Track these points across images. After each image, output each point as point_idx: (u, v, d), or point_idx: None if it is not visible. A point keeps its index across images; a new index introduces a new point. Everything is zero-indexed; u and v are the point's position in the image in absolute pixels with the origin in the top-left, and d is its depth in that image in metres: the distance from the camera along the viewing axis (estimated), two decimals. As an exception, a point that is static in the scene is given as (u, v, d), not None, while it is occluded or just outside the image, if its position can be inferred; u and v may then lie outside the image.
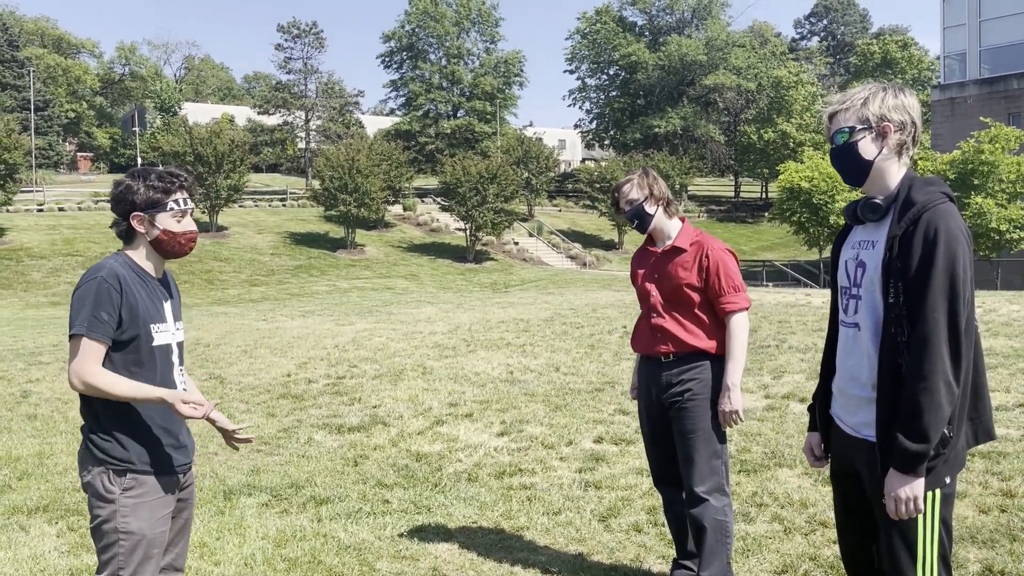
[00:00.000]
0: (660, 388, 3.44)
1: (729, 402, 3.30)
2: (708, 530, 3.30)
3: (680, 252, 3.44)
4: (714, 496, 3.32)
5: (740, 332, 3.34)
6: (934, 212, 2.18)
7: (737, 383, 3.31)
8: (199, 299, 25.74)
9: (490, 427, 6.68)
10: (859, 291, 2.34)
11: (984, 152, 26.32)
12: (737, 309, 3.35)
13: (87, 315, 2.44)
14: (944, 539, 2.24)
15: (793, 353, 9.55)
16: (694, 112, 56.28)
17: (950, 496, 2.26)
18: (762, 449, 5.67)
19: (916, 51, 57.11)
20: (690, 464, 3.36)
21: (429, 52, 59.20)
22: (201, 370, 9.97)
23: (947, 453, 2.20)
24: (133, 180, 2.58)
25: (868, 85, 2.36)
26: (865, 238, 2.37)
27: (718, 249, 3.41)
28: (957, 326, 2.12)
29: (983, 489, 4.67)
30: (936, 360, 2.11)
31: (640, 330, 3.57)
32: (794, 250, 38.81)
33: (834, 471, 2.53)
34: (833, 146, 2.36)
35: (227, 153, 35.36)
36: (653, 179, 3.49)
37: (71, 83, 65.98)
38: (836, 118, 2.35)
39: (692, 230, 3.49)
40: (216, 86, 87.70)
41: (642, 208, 3.47)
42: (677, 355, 3.39)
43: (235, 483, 5.25)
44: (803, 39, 77.13)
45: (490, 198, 35.67)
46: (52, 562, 3.97)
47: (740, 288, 3.38)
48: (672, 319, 3.41)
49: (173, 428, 2.64)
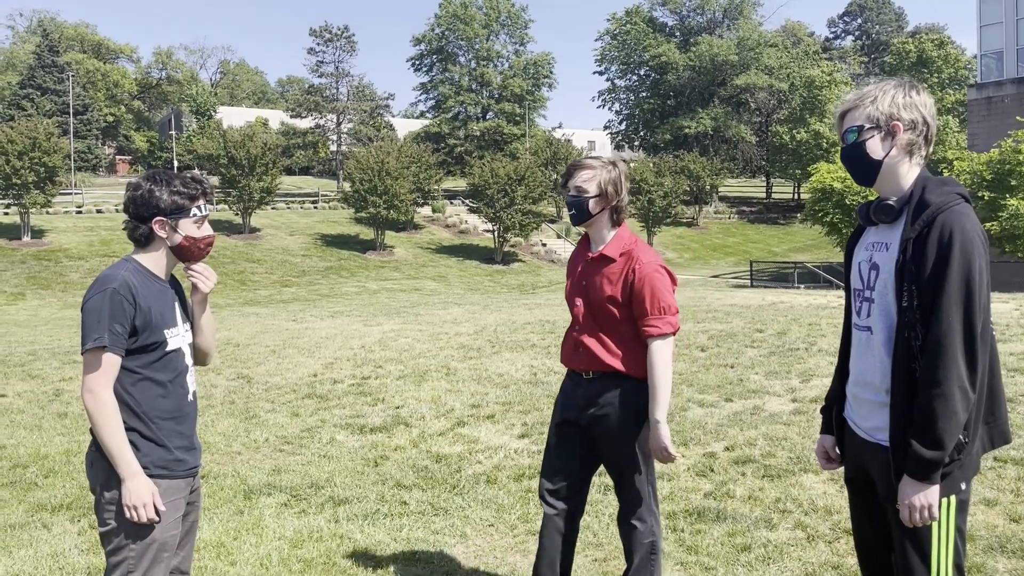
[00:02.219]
0: (578, 407, 3.17)
1: (656, 440, 3.01)
2: (636, 552, 3.18)
3: (608, 262, 3.10)
4: (641, 521, 3.17)
5: (660, 361, 3.00)
6: (949, 214, 2.13)
7: (662, 419, 2.99)
8: (231, 299, 26.07)
9: (511, 429, 6.64)
10: (872, 294, 2.29)
11: (1022, 152, 25.72)
12: (658, 334, 3.00)
13: (105, 328, 2.42)
14: (959, 547, 2.19)
15: (823, 356, 9.39)
16: (725, 113, 55.81)
17: (965, 503, 2.21)
18: (787, 454, 5.56)
19: (952, 50, 56.02)
20: (619, 489, 3.21)
21: (459, 55, 59.45)
22: (230, 370, 10.07)
23: (962, 459, 2.14)
24: (156, 185, 2.55)
25: (881, 83, 2.30)
26: (878, 240, 2.32)
27: (649, 264, 3.04)
28: (973, 331, 2.07)
29: (1015, 497, 4.54)
30: (951, 366, 2.05)
31: (566, 342, 3.26)
32: (826, 252, 38.27)
33: (848, 476, 2.49)
34: (844, 145, 2.33)
35: (259, 156, 35.82)
36: (617, 177, 3.12)
37: (110, 87, 67.27)
38: (847, 116, 2.31)
39: (627, 238, 3.14)
40: (251, 90, 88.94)
41: (587, 203, 3.09)
42: (597, 374, 3.11)
43: (256, 483, 5.27)
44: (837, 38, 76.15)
45: (518, 200, 35.69)
46: (72, 560, 4.01)
47: (667, 311, 3.02)
48: (594, 336, 3.11)
49: (186, 430, 2.64)
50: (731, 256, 43.54)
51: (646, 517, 3.18)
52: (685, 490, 4.94)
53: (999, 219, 24.98)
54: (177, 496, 2.57)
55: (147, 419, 2.52)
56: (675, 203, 42.44)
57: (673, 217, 43.93)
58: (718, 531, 4.22)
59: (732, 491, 4.85)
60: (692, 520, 4.40)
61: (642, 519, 3.18)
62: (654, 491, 3.23)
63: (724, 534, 4.18)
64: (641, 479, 3.17)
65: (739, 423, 6.51)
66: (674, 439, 6.07)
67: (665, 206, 41.42)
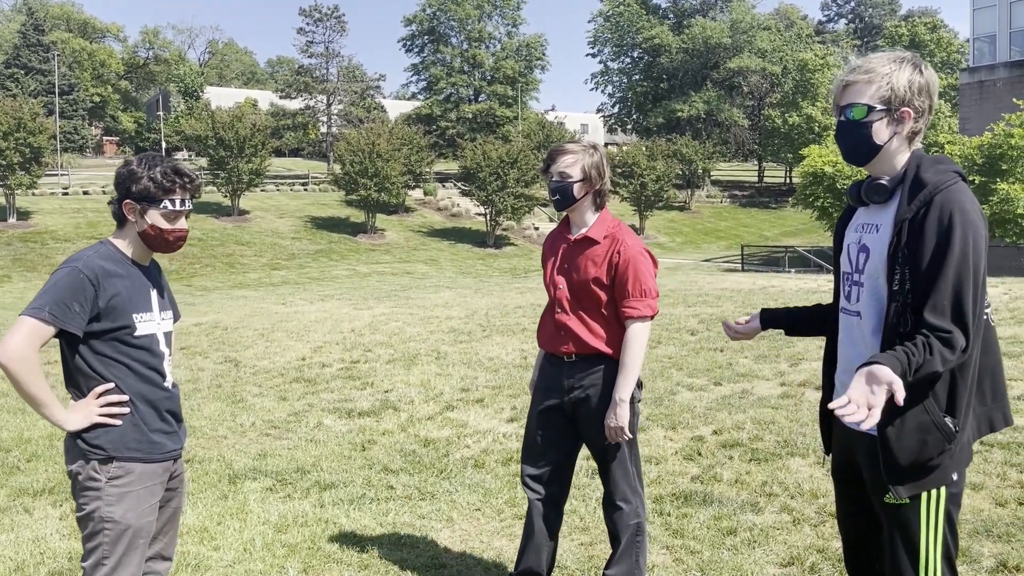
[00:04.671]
0: (562, 390, 3.16)
1: (615, 417, 3.02)
2: (622, 533, 3.17)
3: (592, 244, 3.11)
4: (626, 502, 3.16)
5: (636, 342, 3.03)
6: (948, 193, 2.03)
7: (626, 398, 3.02)
8: (220, 283, 25.94)
9: (500, 413, 6.63)
10: (861, 277, 2.20)
11: (1014, 136, 25.74)
12: (638, 316, 3.03)
13: (50, 300, 2.38)
14: (949, 540, 2.12)
15: (812, 341, 9.39)
16: (718, 96, 55.70)
17: (957, 495, 2.13)
18: (775, 438, 5.56)
19: (945, 33, 55.97)
20: (603, 471, 3.19)
21: (450, 36, 59.05)
22: (217, 353, 10.01)
23: (953, 448, 2.07)
24: (139, 166, 2.50)
25: (891, 55, 2.12)
26: (868, 221, 2.23)
27: (633, 247, 3.06)
28: (970, 315, 2.00)
29: (1001, 481, 4.54)
30: (944, 344, 1.98)
31: (545, 325, 3.25)
32: (817, 236, 38.35)
33: (835, 466, 2.42)
34: (843, 119, 2.15)
35: (249, 137, 35.56)
36: (599, 161, 3.13)
37: (96, 67, 66.49)
38: (852, 89, 2.13)
39: (610, 221, 3.15)
40: (240, 70, 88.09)
41: (571, 188, 3.09)
42: (580, 356, 3.11)
43: (241, 467, 5.24)
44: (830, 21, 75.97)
45: (510, 183, 35.58)
46: (53, 545, 3.97)
47: (648, 294, 3.04)
48: (577, 317, 3.11)
49: (165, 412, 2.59)
50: (723, 240, 43.57)
51: (631, 498, 3.17)
52: (672, 474, 4.93)
53: (990, 203, 25.03)
54: (153, 481, 2.53)
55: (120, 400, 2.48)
56: (667, 187, 42.39)
57: (665, 201, 43.89)
58: (704, 515, 4.21)
59: (719, 475, 4.85)
60: (679, 504, 4.39)
61: (627, 500, 3.17)
62: (639, 472, 3.22)
63: (710, 518, 4.17)
64: (625, 460, 3.16)
65: (728, 407, 6.51)
66: (663, 422, 6.07)
67: (657, 190, 41.36)
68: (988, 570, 3.49)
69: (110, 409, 2.45)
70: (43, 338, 2.39)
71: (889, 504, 2.13)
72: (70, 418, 2.43)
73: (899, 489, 2.09)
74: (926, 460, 2.07)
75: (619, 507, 3.17)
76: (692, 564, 3.66)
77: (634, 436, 3.15)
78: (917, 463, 2.07)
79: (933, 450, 2.06)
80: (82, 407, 2.45)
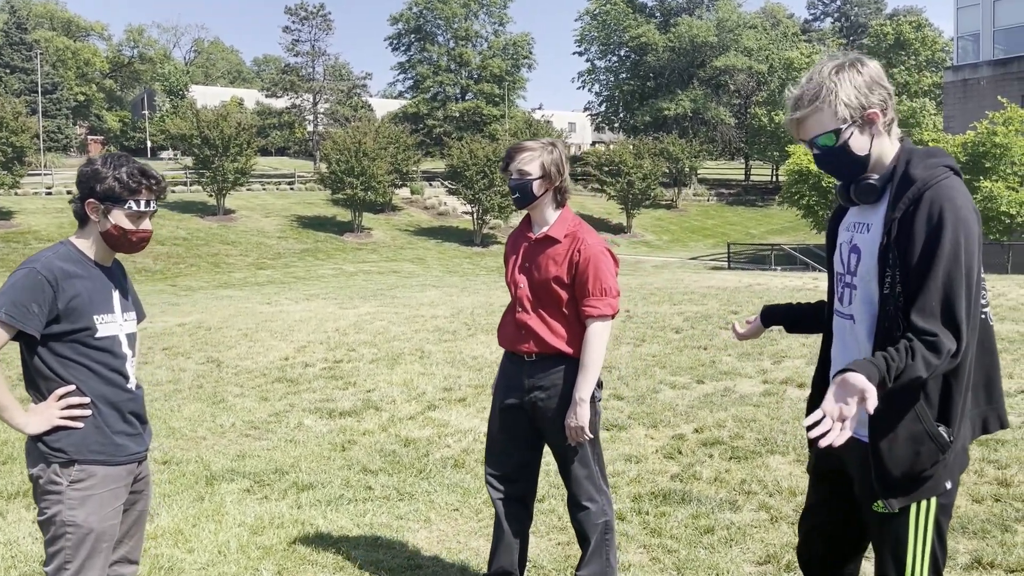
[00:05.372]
0: (522, 390, 3.14)
1: (575, 417, 3.01)
2: (591, 533, 3.15)
3: (553, 243, 3.10)
4: (592, 502, 3.14)
5: (596, 341, 3.01)
6: (937, 189, 1.94)
7: (586, 398, 3.01)
8: (205, 282, 25.78)
9: (482, 412, 6.60)
10: (854, 279, 2.12)
11: (997, 134, 25.94)
12: (598, 315, 3.02)
13: (7, 301, 2.35)
14: (937, 550, 2.05)
15: (795, 338, 9.42)
16: (704, 94, 55.84)
17: (948, 506, 2.06)
18: (755, 435, 5.57)
19: (930, 32, 56.23)
20: (565, 473, 3.17)
21: (437, 34, 58.94)
22: (200, 353, 9.94)
23: (946, 458, 1.99)
24: (104, 166, 2.46)
25: (824, 69, 2.05)
26: (859, 220, 2.15)
27: (594, 246, 3.05)
28: (961, 318, 1.91)
29: (978, 478, 4.56)
30: (933, 352, 1.89)
31: (505, 324, 3.24)
32: (803, 234, 38.50)
33: (819, 469, 2.33)
34: (816, 151, 2.08)
35: (234, 136, 35.34)
36: (558, 158, 3.10)
37: (80, 66, 65.94)
38: (807, 123, 2.05)
39: (571, 219, 3.14)
40: (226, 69, 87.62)
41: (530, 185, 3.07)
42: (540, 355, 3.10)
43: (219, 468, 5.20)
44: (816, 20, 76.28)
45: (497, 181, 35.52)
46: (25, 548, 3.93)
47: (608, 292, 3.03)
48: (537, 316, 3.10)
49: (128, 414, 2.55)
50: (709, 238, 43.70)
51: (597, 497, 3.15)
52: (652, 472, 4.93)
53: (975, 201, 25.24)
54: (116, 484, 2.49)
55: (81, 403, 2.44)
56: (654, 185, 42.46)
57: (652, 199, 43.97)
58: (682, 513, 4.21)
59: (699, 473, 4.84)
60: (657, 502, 4.39)
61: (592, 499, 3.15)
62: (603, 471, 3.21)
63: (688, 516, 4.17)
64: (588, 459, 3.14)
65: (709, 405, 6.51)
66: (644, 420, 6.06)
67: (644, 188, 41.43)
68: (963, 566, 3.50)
69: (71, 412, 2.41)
70: (1, 341, 2.35)
71: (877, 512, 2.07)
72: (31, 421, 2.39)
73: (891, 501, 2.02)
74: (919, 471, 2.00)
75: (585, 507, 3.15)
76: (668, 563, 3.65)
77: (596, 435, 3.13)
78: (910, 474, 2.00)
79: (926, 461, 1.99)
80: (43, 410, 2.41)
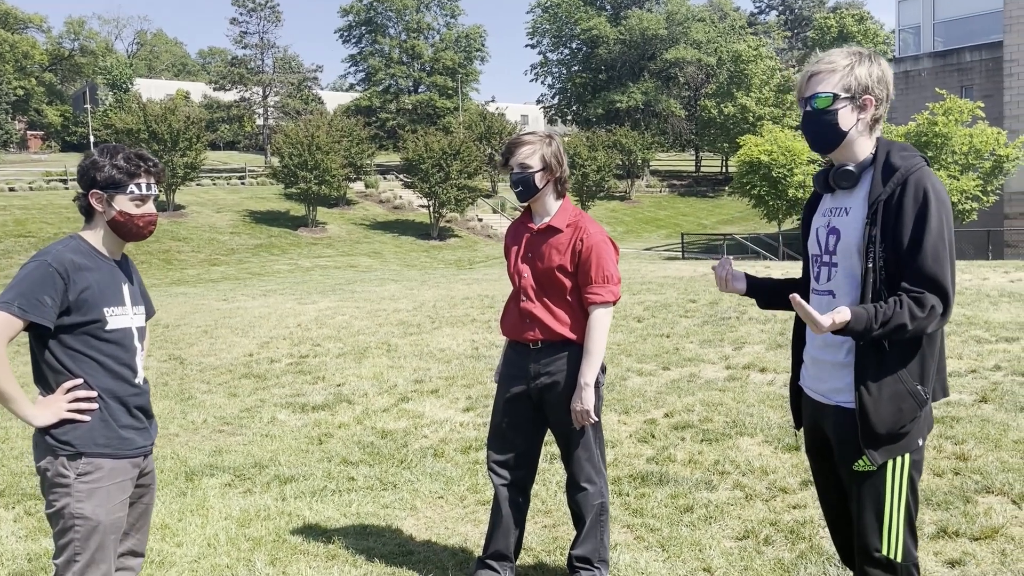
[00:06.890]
0: (527, 377, 3.24)
1: (581, 401, 3.13)
2: (587, 514, 3.27)
3: (556, 232, 3.20)
4: (591, 483, 3.25)
5: (599, 327, 3.14)
6: (920, 174, 2.17)
7: (591, 382, 3.13)
8: (157, 279, 25.27)
9: (456, 403, 6.68)
10: (833, 258, 2.31)
11: (938, 124, 26.76)
12: (600, 302, 3.13)
13: (18, 293, 2.36)
14: (911, 504, 2.25)
15: (753, 324, 9.68)
16: (655, 87, 56.35)
17: (919, 462, 2.27)
18: (723, 418, 5.75)
19: (872, 24, 57.66)
20: (567, 455, 3.28)
21: (388, 26, 58.40)
22: (160, 351, 9.81)
23: (921, 415, 2.22)
24: (101, 156, 2.51)
25: (851, 49, 2.27)
26: (837, 205, 2.35)
27: (595, 235, 3.17)
28: (949, 287, 2.14)
29: (937, 453, 4.80)
30: (929, 313, 2.12)
31: (509, 313, 3.33)
32: (754, 223, 39.23)
33: (808, 446, 2.53)
34: (809, 108, 2.26)
35: (183, 130, 34.60)
36: (557, 149, 3.20)
37: (18, 59, 63.73)
38: (816, 79, 2.25)
39: (572, 209, 3.25)
40: (170, 62, 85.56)
41: (532, 178, 3.17)
42: (545, 343, 3.20)
43: (197, 464, 5.19)
44: (761, 13, 77.39)
45: (453, 175, 35.43)
46: (10, 547, 3.89)
47: (610, 280, 3.15)
48: (542, 304, 3.19)
49: (135, 408, 2.58)
50: (663, 229, 44.23)
51: (596, 479, 3.27)
52: (628, 456, 5.07)
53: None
54: (124, 477, 2.52)
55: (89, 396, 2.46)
56: (608, 177, 42.78)
57: (606, 191, 44.29)
58: (661, 494, 4.35)
59: (673, 455, 5.00)
60: (636, 484, 4.52)
61: (592, 481, 3.26)
62: (603, 453, 3.32)
63: (667, 496, 4.31)
64: (590, 442, 3.25)
65: (677, 390, 6.68)
66: (616, 407, 6.20)
67: (599, 180, 41.71)
68: (929, 536, 3.70)
69: (78, 405, 2.43)
70: (12, 332, 2.36)
71: (857, 472, 2.26)
72: (38, 414, 2.41)
73: (874, 455, 2.21)
74: (900, 427, 2.20)
75: (584, 488, 3.26)
76: (653, 541, 3.79)
77: (599, 419, 3.25)
78: (892, 430, 2.20)
79: (907, 416, 2.20)
80: (50, 403, 2.42)
